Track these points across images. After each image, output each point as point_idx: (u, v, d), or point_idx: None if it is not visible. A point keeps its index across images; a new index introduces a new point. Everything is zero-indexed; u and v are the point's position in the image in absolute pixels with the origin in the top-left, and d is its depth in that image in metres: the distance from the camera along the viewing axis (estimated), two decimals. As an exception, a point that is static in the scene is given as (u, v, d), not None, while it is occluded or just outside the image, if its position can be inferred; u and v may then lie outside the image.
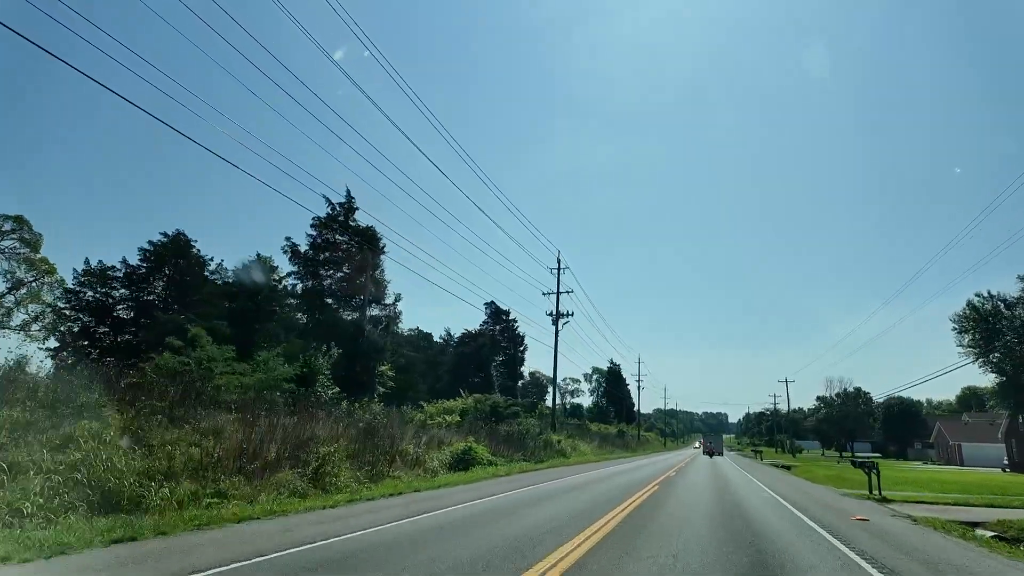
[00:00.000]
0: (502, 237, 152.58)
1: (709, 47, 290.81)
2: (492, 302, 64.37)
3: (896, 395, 77.89)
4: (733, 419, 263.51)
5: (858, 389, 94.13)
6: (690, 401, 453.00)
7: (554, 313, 41.72)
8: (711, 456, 66.55)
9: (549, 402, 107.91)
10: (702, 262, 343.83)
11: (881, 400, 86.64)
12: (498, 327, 68.84)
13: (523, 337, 69.66)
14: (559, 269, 42.20)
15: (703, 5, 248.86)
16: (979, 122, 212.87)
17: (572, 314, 42.34)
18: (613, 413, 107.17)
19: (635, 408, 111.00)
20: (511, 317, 68.22)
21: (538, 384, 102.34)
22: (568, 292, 42.79)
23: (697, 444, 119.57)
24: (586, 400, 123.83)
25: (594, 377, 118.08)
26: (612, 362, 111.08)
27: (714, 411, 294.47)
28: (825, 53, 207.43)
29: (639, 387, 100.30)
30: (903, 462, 65.02)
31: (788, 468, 41.82)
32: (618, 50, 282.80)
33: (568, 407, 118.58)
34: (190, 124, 34.79)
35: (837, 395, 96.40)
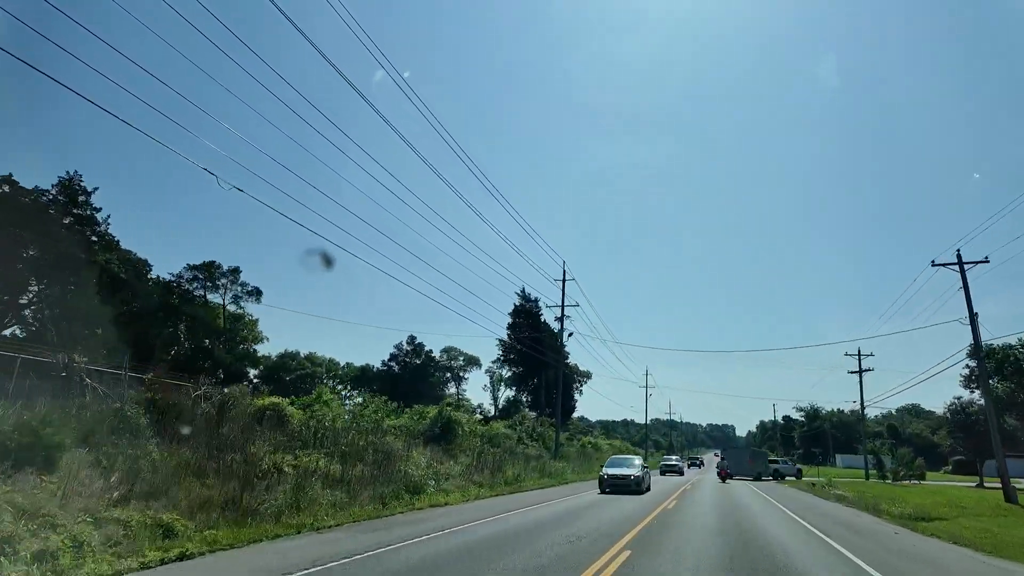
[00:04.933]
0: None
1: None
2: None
3: None
4: (741, 431, 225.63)
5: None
6: (695, 413, 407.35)
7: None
8: (724, 480, 38.57)
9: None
10: (705, 266, 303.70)
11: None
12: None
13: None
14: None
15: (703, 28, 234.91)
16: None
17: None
18: (529, 401, 64.03)
19: (562, 384, 47.74)
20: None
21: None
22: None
23: (664, 467, 53.99)
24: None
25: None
26: (523, 293, 60.33)
27: (719, 423, 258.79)
28: (836, 61, 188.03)
29: (563, 330, 44.61)
30: None
31: None
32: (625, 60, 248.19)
33: (504, 401, 73.54)
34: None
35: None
